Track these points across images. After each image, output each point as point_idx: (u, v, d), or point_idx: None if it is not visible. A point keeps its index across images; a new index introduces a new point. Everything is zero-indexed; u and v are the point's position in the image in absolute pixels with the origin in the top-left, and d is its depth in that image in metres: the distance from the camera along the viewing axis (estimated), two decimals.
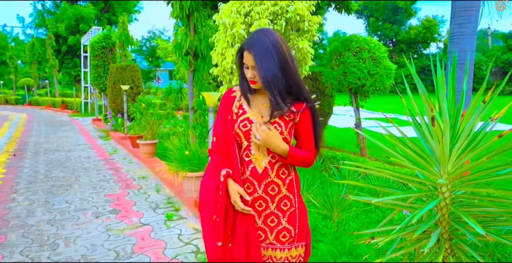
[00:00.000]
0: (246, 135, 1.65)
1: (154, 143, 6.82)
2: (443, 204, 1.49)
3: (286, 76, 1.57)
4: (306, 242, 1.74)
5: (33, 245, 3.40)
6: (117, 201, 4.69)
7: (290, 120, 1.64)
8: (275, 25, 3.82)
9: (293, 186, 1.71)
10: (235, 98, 1.72)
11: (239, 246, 1.62)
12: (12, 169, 6.57)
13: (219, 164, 1.67)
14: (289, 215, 1.69)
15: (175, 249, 3.32)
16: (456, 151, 1.42)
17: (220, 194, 1.62)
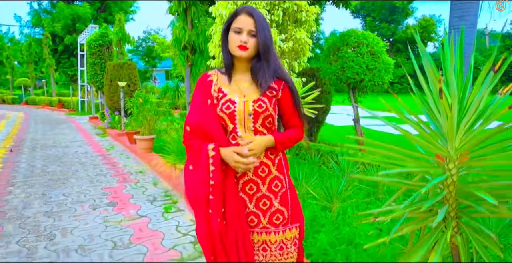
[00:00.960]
0: (230, 117, 1.58)
1: (151, 138, 6.75)
2: (450, 181, 1.45)
3: (272, 50, 1.59)
4: (300, 224, 1.69)
5: (30, 235, 3.33)
6: (114, 194, 4.62)
7: (272, 96, 1.61)
8: (272, 15, 3.78)
9: (282, 166, 1.68)
10: (212, 82, 1.66)
11: (232, 226, 1.57)
12: (8, 164, 6.47)
13: (201, 147, 1.58)
14: (281, 196, 1.64)
15: (173, 240, 3.26)
16: (464, 125, 1.38)
17: (214, 169, 1.54)
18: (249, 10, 1.56)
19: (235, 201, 1.58)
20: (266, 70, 1.59)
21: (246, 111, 1.57)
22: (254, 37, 1.55)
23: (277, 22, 3.90)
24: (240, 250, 1.57)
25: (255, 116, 1.57)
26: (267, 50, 1.57)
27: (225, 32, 1.62)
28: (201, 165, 1.56)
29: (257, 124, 1.59)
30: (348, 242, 2.95)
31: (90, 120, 13.92)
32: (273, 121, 1.63)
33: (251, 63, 1.61)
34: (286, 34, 4.01)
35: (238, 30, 1.55)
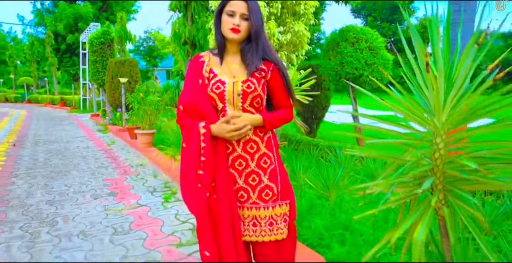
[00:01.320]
0: (220, 97, 1.62)
1: (152, 133, 6.81)
2: (437, 155, 1.49)
3: (261, 34, 1.63)
4: (290, 201, 1.71)
5: (33, 222, 3.38)
6: (115, 185, 4.68)
7: (261, 77, 1.64)
8: (271, 7, 3.83)
9: (271, 144, 1.70)
10: (204, 63, 1.69)
11: (223, 199, 1.61)
12: (11, 157, 6.54)
13: (193, 125, 1.62)
14: (270, 172, 1.66)
15: (172, 227, 3.31)
16: (451, 99, 1.42)
17: (204, 145, 1.58)
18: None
19: (225, 176, 1.61)
20: (255, 53, 1.62)
21: (235, 91, 1.61)
22: (247, 20, 1.58)
23: (276, 14, 3.94)
24: (228, 224, 1.61)
25: (243, 96, 1.61)
26: (258, 33, 1.60)
27: (218, 14, 1.64)
28: (193, 142, 1.60)
29: (245, 104, 1.62)
30: (344, 227, 2.99)
31: (92, 117, 13.99)
32: (262, 102, 1.67)
33: (242, 45, 1.65)
34: (284, 27, 4.06)
35: (231, 13, 1.58)
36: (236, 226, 1.62)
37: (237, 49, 1.67)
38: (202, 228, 1.63)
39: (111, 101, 11.19)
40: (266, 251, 1.67)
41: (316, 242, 2.78)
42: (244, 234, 1.67)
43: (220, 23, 1.63)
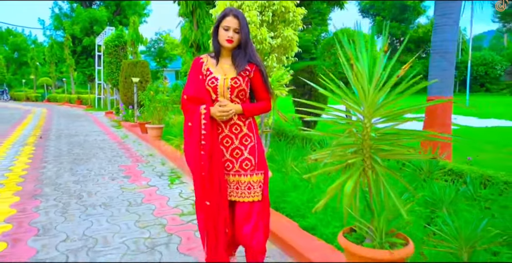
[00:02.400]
0: (214, 90, 2.11)
1: (161, 127, 7.39)
2: (365, 132, 1.99)
3: (249, 41, 2.13)
4: (265, 172, 2.21)
5: (63, 195, 3.99)
6: (129, 170, 5.27)
7: (246, 76, 2.13)
8: (263, 16, 4.34)
9: (252, 127, 2.20)
10: (203, 63, 2.19)
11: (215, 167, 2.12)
12: (40, 147, 7.18)
13: (196, 108, 2.10)
14: (249, 148, 2.15)
15: (176, 202, 3.87)
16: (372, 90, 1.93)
17: (205, 122, 2.05)
18: (235, 13, 2.09)
19: (217, 151, 2.14)
20: (243, 57, 2.13)
21: (225, 86, 2.11)
22: (238, 33, 2.09)
23: (268, 21, 4.45)
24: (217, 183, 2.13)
25: (231, 89, 2.11)
26: (246, 43, 2.11)
27: (216, 28, 2.14)
28: (196, 120, 2.09)
29: (233, 96, 2.13)
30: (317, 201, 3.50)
31: (106, 114, 14.63)
32: (245, 94, 2.17)
33: (232, 51, 2.17)
34: (275, 32, 4.57)
35: (226, 28, 2.07)
36: (223, 186, 2.12)
37: (229, 53, 2.16)
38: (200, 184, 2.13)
39: (124, 100, 11.81)
40: (245, 209, 2.15)
41: (293, 213, 3.21)
42: (230, 195, 2.16)
43: (217, 34, 2.13)
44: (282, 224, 2.97)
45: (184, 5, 6.33)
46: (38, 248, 2.75)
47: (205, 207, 2.12)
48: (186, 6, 6.33)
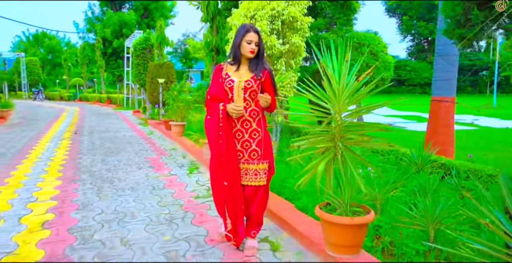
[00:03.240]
0: (230, 90, 2.63)
1: (183, 124, 8.02)
2: (336, 124, 2.49)
3: (263, 53, 2.66)
4: (269, 161, 2.71)
5: (97, 180, 4.65)
6: (153, 161, 5.90)
7: (258, 79, 2.63)
8: (273, 25, 4.85)
9: (260, 123, 2.70)
10: (223, 69, 2.73)
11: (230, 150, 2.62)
12: (75, 141, 7.98)
13: (216, 104, 2.63)
14: (257, 141, 2.65)
15: (193, 187, 4.44)
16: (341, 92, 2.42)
17: (222, 116, 2.56)
18: (256, 29, 2.63)
19: (231, 141, 2.65)
20: (261, 65, 2.65)
21: (239, 87, 2.62)
22: (257, 46, 2.61)
23: (277, 30, 4.97)
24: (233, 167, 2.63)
25: (245, 90, 2.62)
26: (262, 53, 2.66)
27: (238, 41, 2.62)
28: (215, 114, 2.61)
29: (246, 95, 2.62)
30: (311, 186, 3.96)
31: (134, 113, 15.51)
32: (256, 94, 2.64)
33: (250, 60, 2.66)
34: (284, 39, 5.08)
35: (249, 42, 2.58)
36: (236, 171, 2.60)
37: (246, 61, 2.66)
38: (218, 167, 2.65)
39: (151, 99, 12.59)
40: (251, 192, 2.66)
41: (291, 196, 3.74)
42: (241, 179, 2.66)
43: (240, 46, 2.62)
44: (281, 205, 3.48)
45: (205, 12, 6.93)
46: (79, 218, 3.38)
47: (223, 187, 2.62)
48: (207, 13, 6.93)
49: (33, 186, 4.48)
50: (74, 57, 36.28)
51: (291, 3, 4.75)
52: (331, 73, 2.39)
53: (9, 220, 3.37)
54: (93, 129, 10.35)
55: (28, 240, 2.93)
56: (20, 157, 6.31)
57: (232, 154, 2.61)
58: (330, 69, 2.41)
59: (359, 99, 2.42)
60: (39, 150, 7.01)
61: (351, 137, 2.39)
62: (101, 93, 27.33)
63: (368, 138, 2.38)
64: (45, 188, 4.37)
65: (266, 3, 4.71)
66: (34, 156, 6.37)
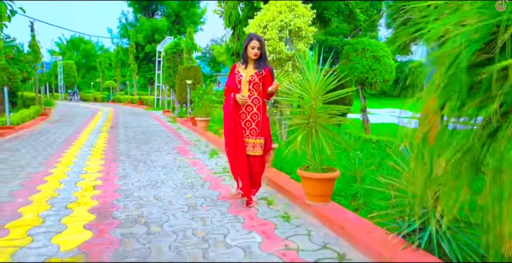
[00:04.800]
0: (239, 83, 3.57)
1: (207, 120, 9.04)
2: (312, 109, 3.36)
3: (265, 55, 3.58)
4: (266, 138, 3.64)
5: (133, 161, 5.71)
6: (180, 149, 6.92)
7: (260, 74, 3.56)
8: (282, 33, 5.76)
9: (260, 109, 3.63)
10: (236, 67, 3.70)
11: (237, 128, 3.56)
12: (112, 134, 9.18)
13: (230, 94, 3.59)
14: (256, 122, 3.59)
15: (212, 167, 5.38)
16: (316, 84, 3.31)
17: (232, 103, 3.51)
18: (258, 38, 3.55)
19: (238, 120, 3.58)
20: (263, 64, 3.58)
21: (245, 80, 3.57)
22: (259, 50, 3.53)
23: (285, 37, 5.87)
24: (240, 141, 3.56)
25: (249, 82, 3.56)
26: (264, 56, 3.57)
27: (246, 46, 3.58)
28: (228, 100, 3.57)
29: (250, 86, 3.56)
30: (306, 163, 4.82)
31: (164, 113, 16.79)
32: (258, 86, 3.55)
33: (255, 60, 3.60)
34: (292, 46, 5.97)
35: (253, 47, 3.52)
36: (241, 144, 3.54)
37: (252, 61, 3.59)
38: (229, 140, 3.60)
39: (179, 99, 13.76)
40: (252, 159, 3.59)
41: (289, 171, 4.58)
42: (246, 149, 3.60)
43: (246, 50, 3.56)
44: (279, 176, 4.36)
45: (227, 21, 7.95)
46: (121, 184, 4.40)
47: (234, 156, 3.56)
48: (229, 22, 7.94)
49: (82, 163, 5.59)
50: (108, 61, 38.62)
51: (297, 16, 5.65)
52: (308, 72, 3.28)
53: (67, 184, 4.43)
54: (127, 125, 11.60)
55: (84, 195, 3.96)
56: (67, 144, 7.51)
57: (238, 129, 3.53)
58: (307, 70, 3.29)
59: (326, 89, 3.27)
60: (82, 140, 8.22)
61: (320, 116, 3.26)
62: (133, 95, 29.09)
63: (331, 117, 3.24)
64: (91, 165, 5.46)
65: (276, 15, 5.63)
66: (79, 144, 7.56)
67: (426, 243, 2.37)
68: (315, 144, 3.31)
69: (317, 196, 3.19)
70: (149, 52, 30.12)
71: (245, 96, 3.50)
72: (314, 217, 3.20)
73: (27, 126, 10.58)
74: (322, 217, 3.08)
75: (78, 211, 3.45)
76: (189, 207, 3.54)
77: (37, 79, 15.87)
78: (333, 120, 3.31)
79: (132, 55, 27.30)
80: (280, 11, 5.67)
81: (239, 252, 2.56)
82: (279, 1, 5.65)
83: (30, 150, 6.80)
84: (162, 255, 2.52)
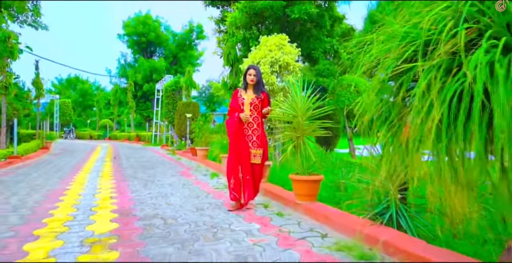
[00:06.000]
0: (242, 104, 4.39)
1: (207, 149, 9.79)
2: (298, 125, 4.17)
3: (261, 81, 4.45)
4: (264, 149, 4.40)
5: (141, 181, 6.37)
6: (183, 173, 7.60)
7: (259, 98, 4.40)
8: (273, 68, 6.73)
9: (260, 125, 4.40)
10: (238, 92, 4.54)
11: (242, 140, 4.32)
12: (116, 163, 9.84)
13: (234, 115, 4.41)
14: (256, 136, 4.36)
15: (214, 184, 6.05)
16: (300, 106, 4.15)
17: (236, 120, 4.30)
18: (254, 67, 4.44)
19: (242, 135, 4.36)
20: (259, 89, 4.43)
21: (247, 102, 4.40)
22: (255, 76, 4.39)
23: (276, 71, 6.83)
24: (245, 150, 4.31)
25: (250, 104, 4.37)
26: (260, 82, 4.41)
27: (245, 75, 4.44)
28: (233, 118, 4.35)
29: (251, 107, 4.35)
30: None
31: (162, 147, 17.50)
32: (258, 108, 4.36)
33: (253, 86, 4.45)
34: (281, 78, 6.92)
35: (250, 74, 4.37)
36: (247, 153, 4.31)
37: (251, 87, 4.41)
38: (232, 151, 4.34)
39: (178, 133, 14.58)
40: (253, 167, 4.33)
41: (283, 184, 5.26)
42: (249, 155, 4.34)
43: (245, 78, 4.42)
44: (275, 188, 5.04)
45: (226, 60, 9.01)
46: (134, 195, 5.05)
47: (236, 166, 4.27)
48: (228, 60, 8.99)
49: (95, 183, 6.24)
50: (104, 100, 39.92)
51: (285, 53, 6.66)
52: (295, 95, 4.12)
53: (86, 196, 5.06)
54: (129, 156, 12.27)
55: (104, 203, 4.60)
56: (75, 170, 8.16)
57: (242, 142, 4.30)
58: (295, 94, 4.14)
59: (310, 108, 4.10)
60: (88, 167, 8.87)
61: (305, 129, 4.05)
62: (130, 132, 29.92)
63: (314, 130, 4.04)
64: (103, 184, 6.11)
65: (267, 53, 6.63)
66: (87, 170, 8.21)
67: (388, 222, 3.07)
68: (303, 153, 4.07)
69: (305, 195, 3.89)
70: (147, 91, 31.45)
71: (247, 115, 4.30)
72: (303, 213, 3.88)
73: (31, 157, 11.22)
74: (309, 211, 3.76)
75: (101, 212, 4.09)
76: (197, 209, 4.20)
77: (39, 114, 16.69)
78: (317, 133, 4.10)
79: (130, 93, 28.49)
80: (270, 49, 6.67)
81: (242, 234, 3.22)
82: (269, 41, 6.67)
83: (41, 174, 7.44)
84: (180, 235, 3.17)
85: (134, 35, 34.77)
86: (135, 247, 2.86)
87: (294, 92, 4.16)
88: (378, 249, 2.71)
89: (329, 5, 9.81)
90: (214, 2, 12.44)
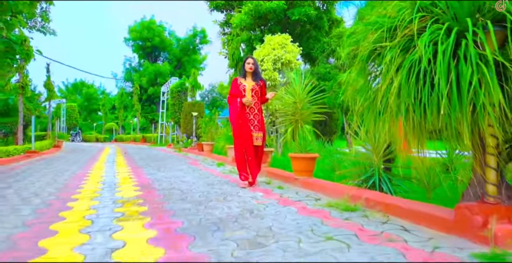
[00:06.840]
0: (243, 91, 4.96)
1: (212, 143, 10.36)
2: (298, 110, 4.76)
3: (258, 70, 5.04)
4: (263, 133, 4.97)
5: (154, 167, 6.95)
6: (191, 163, 8.17)
7: (258, 85, 4.97)
8: (275, 65, 7.32)
9: (261, 110, 4.98)
10: (238, 79, 5.10)
11: (245, 124, 4.89)
12: (128, 157, 10.43)
13: (236, 99, 4.98)
14: (257, 120, 4.93)
15: (221, 170, 6.61)
16: (299, 92, 4.73)
17: (239, 105, 4.91)
18: (252, 57, 5.03)
19: (244, 119, 4.93)
20: (257, 77, 5.01)
21: (248, 89, 4.96)
22: (254, 65, 4.97)
23: (278, 68, 7.42)
24: (249, 134, 4.88)
25: (251, 90, 4.94)
26: (258, 70, 5.01)
27: (243, 63, 5.05)
28: (235, 104, 4.92)
29: (252, 93, 4.94)
30: None
31: (168, 146, 18.09)
32: (257, 94, 4.94)
33: (252, 74, 5.03)
34: (283, 74, 7.51)
35: (248, 63, 4.95)
36: (249, 136, 4.88)
37: (249, 75, 4.97)
38: (238, 135, 4.91)
39: (184, 132, 15.17)
40: (256, 149, 4.90)
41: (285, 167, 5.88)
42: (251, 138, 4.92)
43: (244, 66, 5.02)
44: (277, 170, 5.61)
45: (231, 59, 9.63)
46: (150, 177, 5.62)
47: (242, 150, 4.83)
48: (233, 60, 9.61)
49: (112, 169, 6.82)
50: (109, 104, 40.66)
51: (287, 51, 7.27)
52: (294, 83, 4.71)
53: (107, 178, 5.63)
54: (138, 152, 12.87)
55: (124, 181, 5.18)
56: (92, 161, 8.74)
57: (244, 125, 4.86)
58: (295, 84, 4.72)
59: (308, 95, 4.67)
60: (103, 159, 9.46)
61: (303, 113, 4.62)
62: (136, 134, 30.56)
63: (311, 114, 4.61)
64: (120, 170, 6.68)
65: (270, 51, 7.24)
66: (102, 160, 8.80)
67: (372, 188, 3.63)
68: (300, 134, 4.64)
69: (302, 171, 4.45)
70: (152, 94, 32.14)
71: (250, 99, 4.87)
72: (300, 186, 4.44)
73: (47, 153, 11.82)
74: (306, 184, 4.32)
75: (124, 186, 4.66)
76: (208, 184, 4.78)
77: (50, 114, 17.34)
78: (313, 116, 4.67)
79: (136, 96, 29.18)
80: (273, 48, 7.28)
81: (248, 198, 3.78)
82: (273, 40, 7.28)
83: (62, 164, 8.03)
84: (195, 199, 3.74)
85: (139, 40, 35.61)
86: (159, 204, 3.43)
87: (293, 79, 4.74)
88: (361, 204, 3.27)
89: (327, 7, 10.45)
90: (219, 6, 13.11)
